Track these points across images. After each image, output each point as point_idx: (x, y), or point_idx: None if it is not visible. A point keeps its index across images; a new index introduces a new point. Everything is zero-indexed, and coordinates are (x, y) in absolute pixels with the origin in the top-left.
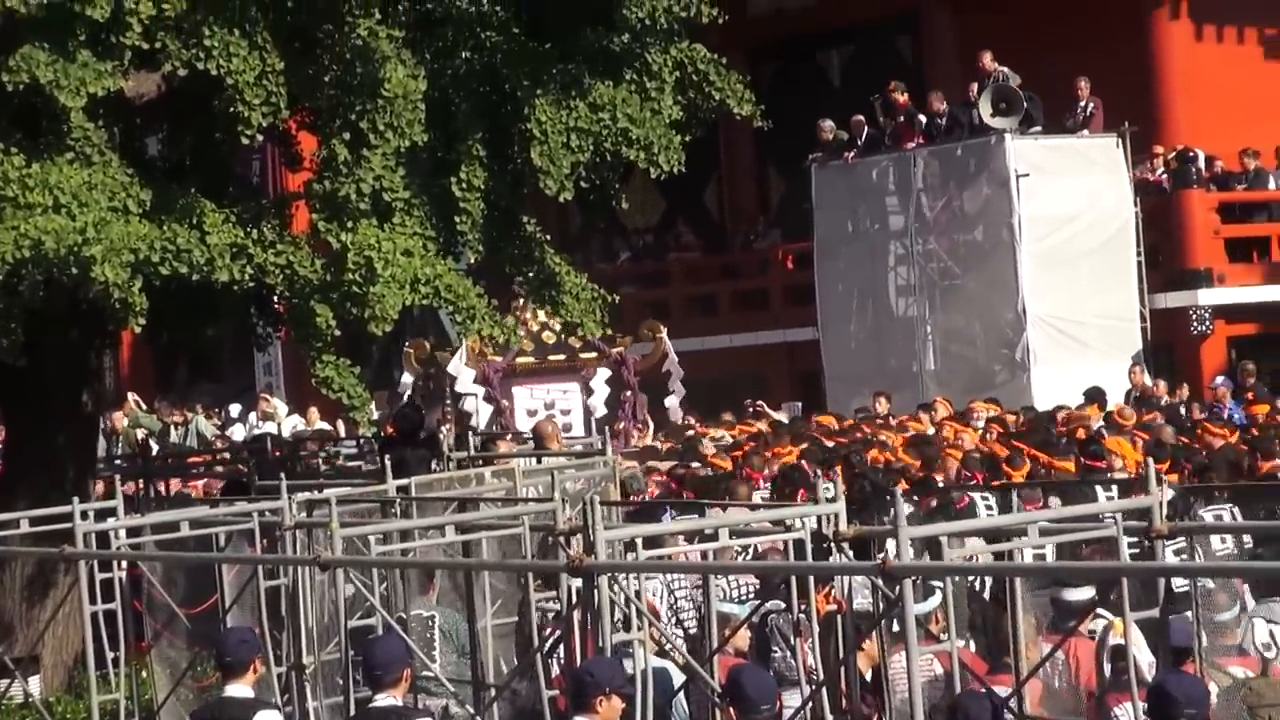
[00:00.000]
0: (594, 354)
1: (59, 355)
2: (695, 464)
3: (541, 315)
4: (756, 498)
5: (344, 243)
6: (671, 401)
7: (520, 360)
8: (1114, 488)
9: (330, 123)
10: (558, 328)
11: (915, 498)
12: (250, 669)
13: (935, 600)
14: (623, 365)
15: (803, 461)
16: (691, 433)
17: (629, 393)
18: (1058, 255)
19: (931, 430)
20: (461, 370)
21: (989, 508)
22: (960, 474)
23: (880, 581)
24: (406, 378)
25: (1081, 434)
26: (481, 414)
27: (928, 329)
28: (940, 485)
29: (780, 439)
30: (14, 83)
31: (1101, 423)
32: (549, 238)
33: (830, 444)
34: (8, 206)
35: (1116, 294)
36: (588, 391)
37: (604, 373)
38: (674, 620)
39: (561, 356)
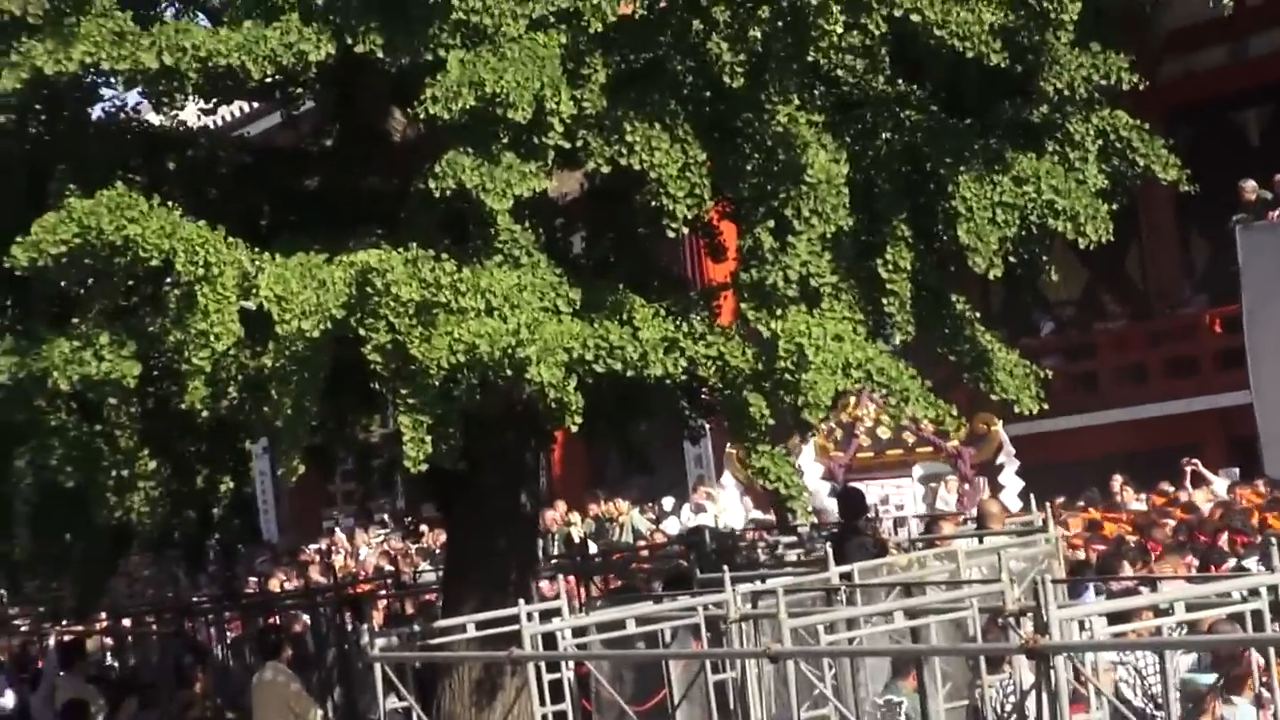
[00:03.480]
0: (929, 448)
1: (496, 458)
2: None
3: (872, 409)
4: None
5: (774, 330)
6: (1007, 495)
7: (860, 456)
8: None
9: (754, 211)
10: (888, 421)
11: None
12: None
13: None
14: (959, 458)
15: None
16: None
17: (966, 485)
18: None
19: None
20: (810, 465)
21: None
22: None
23: None
24: (728, 479)
25: None
26: (831, 510)
27: None
28: None
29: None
30: (440, 189)
31: None
32: (978, 315)
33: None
34: (441, 312)
35: None
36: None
37: (917, 470)
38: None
39: (899, 451)
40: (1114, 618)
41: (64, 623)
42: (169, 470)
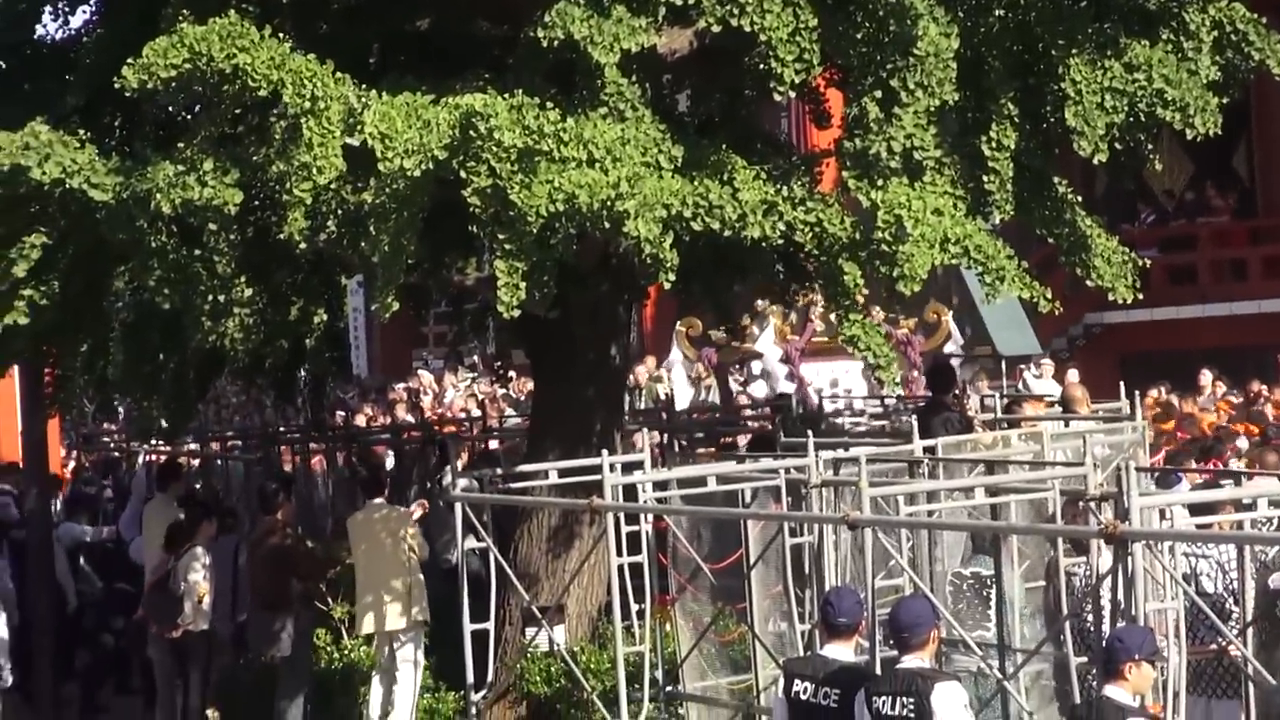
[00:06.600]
0: None
1: (588, 309)
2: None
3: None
4: None
5: (874, 201)
6: None
7: (814, 340)
8: None
9: (861, 80)
10: None
11: None
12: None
13: None
14: (908, 346)
15: None
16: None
17: (915, 372)
18: None
19: None
20: (769, 348)
21: None
22: None
23: None
24: (676, 355)
25: None
26: (788, 391)
27: None
28: None
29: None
30: (549, 38)
31: None
32: (1080, 199)
33: None
34: (543, 160)
35: None
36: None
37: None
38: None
39: None
40: (1197, 510)
41: (152, 442)
42: (264, 299)
